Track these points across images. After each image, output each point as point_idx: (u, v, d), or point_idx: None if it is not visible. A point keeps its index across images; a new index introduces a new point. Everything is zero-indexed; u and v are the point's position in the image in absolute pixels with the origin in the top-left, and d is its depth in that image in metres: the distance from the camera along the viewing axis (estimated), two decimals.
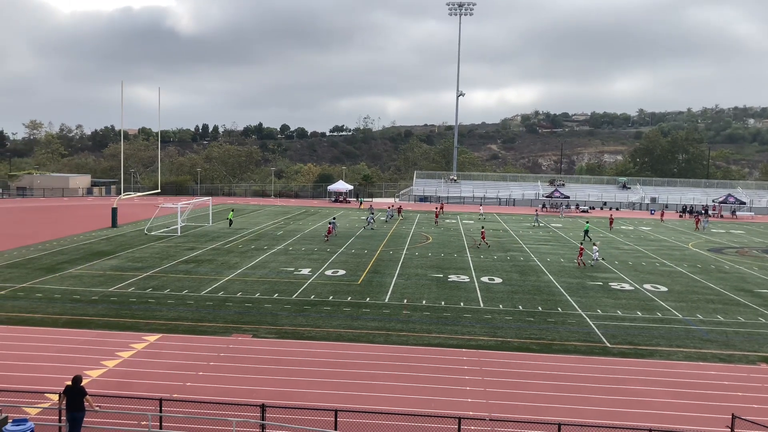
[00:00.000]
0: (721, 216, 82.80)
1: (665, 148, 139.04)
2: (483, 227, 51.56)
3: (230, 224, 54.75)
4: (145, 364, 18.77)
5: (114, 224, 52.82)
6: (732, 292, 31.83)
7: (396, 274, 33.94)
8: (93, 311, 24.71)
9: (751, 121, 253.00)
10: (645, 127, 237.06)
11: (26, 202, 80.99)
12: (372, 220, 57.46)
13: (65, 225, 53.95)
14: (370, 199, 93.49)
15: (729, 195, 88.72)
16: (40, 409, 15.14)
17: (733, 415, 14.45)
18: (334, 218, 54.32)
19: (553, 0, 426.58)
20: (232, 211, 58.61)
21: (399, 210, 72.16)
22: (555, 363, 19.87)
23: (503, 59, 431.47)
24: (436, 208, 71.90)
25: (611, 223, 61.88)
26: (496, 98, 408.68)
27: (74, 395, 13.44)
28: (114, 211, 53.60)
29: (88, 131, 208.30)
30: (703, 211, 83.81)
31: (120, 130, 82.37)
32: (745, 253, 46.83)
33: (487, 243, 46.18)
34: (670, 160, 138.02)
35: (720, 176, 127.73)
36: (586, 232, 52.28)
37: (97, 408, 13.78)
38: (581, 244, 38.88)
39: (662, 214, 77.20)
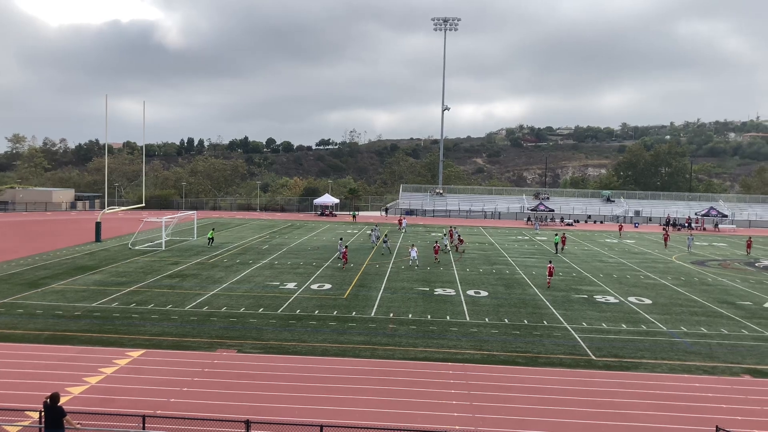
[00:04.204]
0: (704, 229, 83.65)
1: (648, 161, 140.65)
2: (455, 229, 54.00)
3: (210, 242, 51.77)
4: (128, 380, 18.56)
5: (98, 239, 52.37)
6: (715, 304, 32.10)
7: (382, 288, 33.89)
8: (76, 327, 24.41)
9: (732, 135, 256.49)
10: (628, 140, 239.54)
11: (8, 217, 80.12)
12: (377, 237, 54.32)
13: (48, 240, 53.40)
14: (376, 221, 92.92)
15: (711, 208, 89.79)
16: (21, 427, 14.90)
17: (717, 427, 14.52)
18: (340, 239, 49.98)
19: (544, 14, 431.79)
20: (213, 230, 56.36)
21: (400, 223, 71.73)
22: (541, 376, 19.89)
23: (492, 73, 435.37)
24: (399, 220, 73.12)
25: (563, 242, 53.79)
26: (484, 112, 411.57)
27: (52, 414, 13.21)
28: (98, 225, 53.16)
29: (72, 145, 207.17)
30: (686, 224, 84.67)
31: (104, 144, 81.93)
32: (728, 266, 47.30)
33: (456, 247, 50.80)
34: (653, 173, 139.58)
35: (702, 189, 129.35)
36: (557, 244, 52.52)
37: (78, 425, 13.55)
38: (550, 262, 38.21)
39: (621, 228, 72.07)
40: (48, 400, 13.35)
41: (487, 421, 16.26)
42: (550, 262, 38.20)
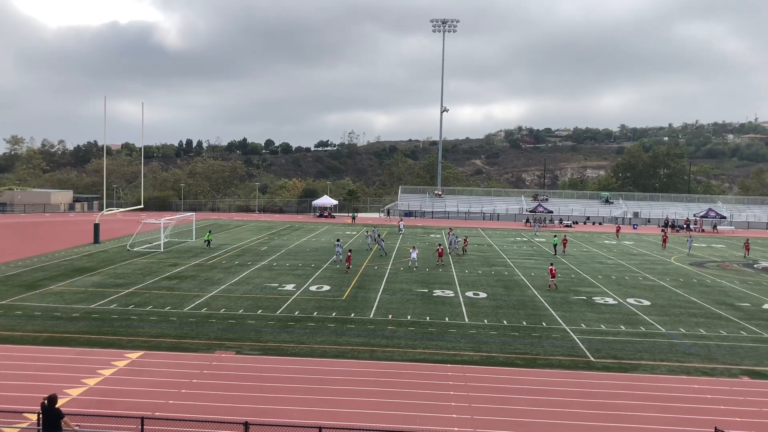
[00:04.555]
0: (702, 230, 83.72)
1: (647, 163, 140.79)
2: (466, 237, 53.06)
3: (208, 244, 51.30)
4: (126, 382, 18.53)
5: (96, 240, 52.31)
6: (714, 305, 32.12)
7: (381, 290, 33.87)
8: (74, 328, 24.37)
9: (730, 136, 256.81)
10: (627, 142, 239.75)
11: (6, 218, 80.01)
12: (372, 239, 51.91)
13: (46, 241, 53.34)
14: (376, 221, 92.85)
15: (710, 209, 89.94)
16: (18, 429, 14.86)
17: (715, 428, 14.52)
18: (338, 240, 46.74)
19: (543, 16, 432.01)
20: (210, 231, 55.72)
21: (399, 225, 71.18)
22: (539, 378, 19.88)
23: (490, 75, 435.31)
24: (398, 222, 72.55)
25: (564, 244, 53.65)
26: (483, 114, 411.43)
27: (49, 416, 13.17)
28: (96, 227, 53.10)
29: (70, 146, 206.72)
30: (685, 226, 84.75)
31: (103, 146, 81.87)
32: (727, 267, 47.34)
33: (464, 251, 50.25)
34: (651, 174, 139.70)
35: (701, 191, 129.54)
36: (555, 245, 52.52)
37: (76, 428, 13.53)
38: (551, 264, 38.12)
39: (618, 229, 72.60)
40: (46, 401, 13.31)
41: (486, 422, 16.24)
42: (552, 264, 38.14)
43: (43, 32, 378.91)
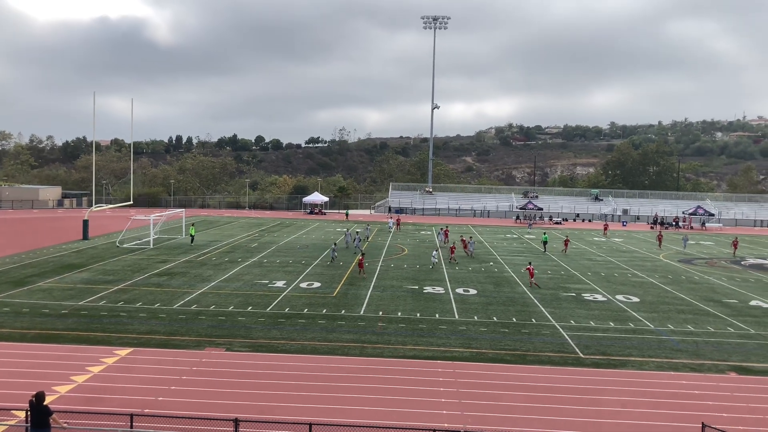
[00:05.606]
0: (691, 227, 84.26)
1: (636, 160, 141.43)
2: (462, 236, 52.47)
3: (192, 240, 50.86)
4: (116, 379, 18.45)
5: (85, 237, 52.00)
6: (702, 302, 32.35)
7: (371, 286, 33.89)
8: (63, 325, 24.24)
9: (719, 134, 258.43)
10: (616, 139, 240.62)
11: None
12: (360, 239, 50.06)
13: (35, 237, 52.97)
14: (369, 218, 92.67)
15: (698, 207, 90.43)
16: (6, 426, 14.78)
17: (703, 424, 14.65)
18: (347, 231, 45.99)
19: (535, 14, 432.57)
20: (193, 225, 54.98)
21: (398, 222, 70.39)
22: (529, 374, 19.98)
23: (482, 72, 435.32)
24: (396, 219, 71.73)
25: (566, 244, 52.78)
26: (474, 111, 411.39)
27: (37, 413, 13.11)
28: (85, 223, 52.79)
29: (59, 142, 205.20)
30: (674, 223, 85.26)
31: (92, 142, 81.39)
32: (715, 264, 47.68)
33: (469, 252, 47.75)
34: (641, 172, 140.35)
35: (689, 188, 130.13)
36: (545, 243, 52.61)
37: (65, 425, 13.46)
38: (530, 263, 38.07)
39: (606, 227, 72.36)
40: (34, 399, 13.25)
41: (476, 418, 16.31)
42: (530, 263, 38.12)
43: (32, 27, 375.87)
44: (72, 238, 52.33)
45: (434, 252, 40.70)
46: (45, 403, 13.31)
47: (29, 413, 13.19)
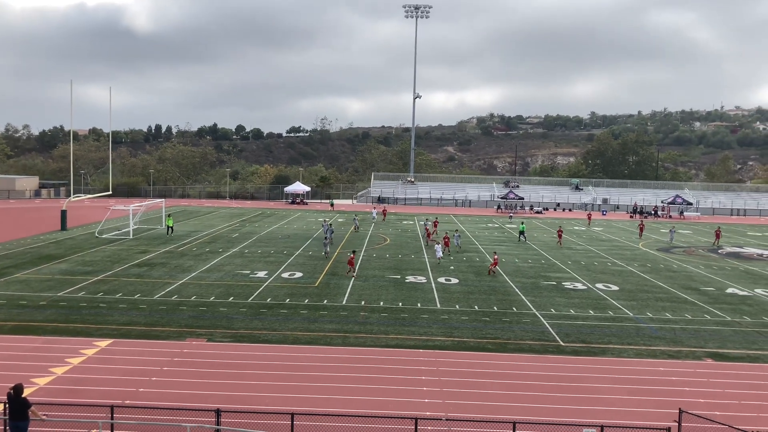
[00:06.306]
0: (670, 216, 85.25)
1: (616, 150, 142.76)
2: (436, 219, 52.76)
3: (169, 231, 49.93)
4: (95, 371, 18.30)
5: (63, 227, 51.35)
6: (680, 290, 32.80)
7: (354, 276, 33.88)
8: (41, 317, 23.96)
9: (697, 124, 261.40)
10: (597, 129, 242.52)
11: None
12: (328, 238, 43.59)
13: (11, 228, 52.20)
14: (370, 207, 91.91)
15: (677, 196, 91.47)
16: None
17: (680, 409, 14.87)
18: (327, 223, 45.66)
19: (517, 2, 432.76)
20: (170, 216, 53.65)
21: (384, 213, 70.02)
22: (510, 362, 20.14)
23: (463, 61, 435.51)
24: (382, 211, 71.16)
25: (560, 236, 51.64)
26: (456, 100, 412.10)
27: (16, 405, 12.97)
28: (63, 213, 52.11)
29: (35, 131, 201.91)
30: (653, 212, 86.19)
31: (69, 131, 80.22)
32: (692, 253, 48.32)
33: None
34: (621, 161, 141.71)
35: (668, 178, 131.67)
36: (522, 232, 52.82)
37: (44, 417, 13.33)
38: (495, 253, 38.42)
39: (589, 216, 72.88)
40: (12, 391, 13.10)
41: (458, 406, 16.42)
42: (495, 253, 38.40)
43: (7, 13, 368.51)
44: (50, 228, 51.66)
45: (437, 246, 40.40)
46: (23, 395, 13.16)
47: (7, 405, 13.03)
